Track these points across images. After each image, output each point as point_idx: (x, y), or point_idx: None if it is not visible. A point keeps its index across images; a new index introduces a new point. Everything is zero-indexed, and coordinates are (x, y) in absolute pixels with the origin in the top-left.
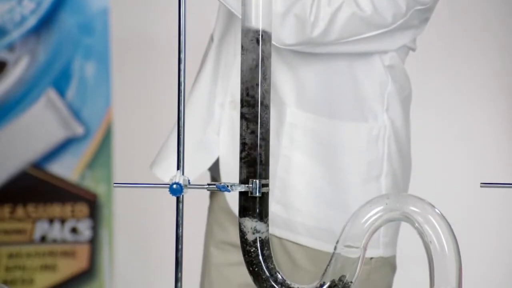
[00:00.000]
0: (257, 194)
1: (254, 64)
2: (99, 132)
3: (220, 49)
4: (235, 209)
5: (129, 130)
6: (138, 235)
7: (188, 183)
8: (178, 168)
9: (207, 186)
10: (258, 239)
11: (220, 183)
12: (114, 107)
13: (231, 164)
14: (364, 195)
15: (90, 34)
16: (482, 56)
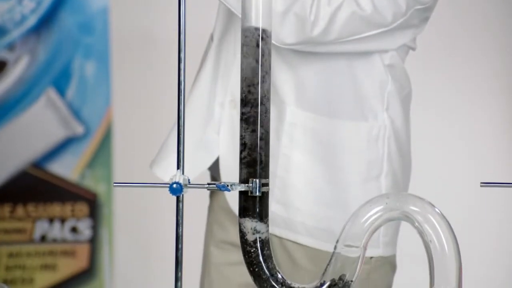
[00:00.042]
0: (257, 194)
1: (254, 63)
2: (99, 131)
3: (220, 48)
4: (235, 208)
5: (129, 129)
6: (138, 234)
7: (188, 182)
8: (178, 168)
9: (207, 186)
10: (258, 240)
11: (220, 183)
12: (114, 107)
13: (231, 164)
14: (364, 195)
15: (90, 33)
16: (482, 56)
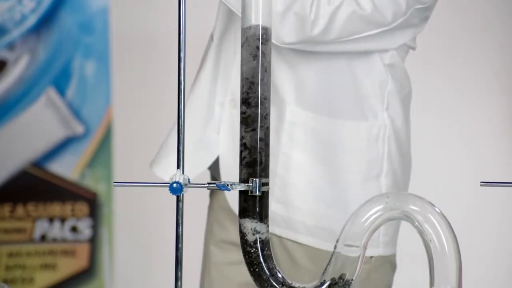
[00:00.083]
0: (257, 193)
1: (254, 63)
2: (99, 131)
3: (220, 48)
4: (235, 208)
5: (129, 129)
6: (138, 234)
7: (188, 182)
8: (178, 167)
9: (207, 185)
10: (259, 240)
11: (220, 182)
12: (114, 106)
13: (231, 163)
14: (364, 194)
15: (90, 33)
16: (482, 56)
